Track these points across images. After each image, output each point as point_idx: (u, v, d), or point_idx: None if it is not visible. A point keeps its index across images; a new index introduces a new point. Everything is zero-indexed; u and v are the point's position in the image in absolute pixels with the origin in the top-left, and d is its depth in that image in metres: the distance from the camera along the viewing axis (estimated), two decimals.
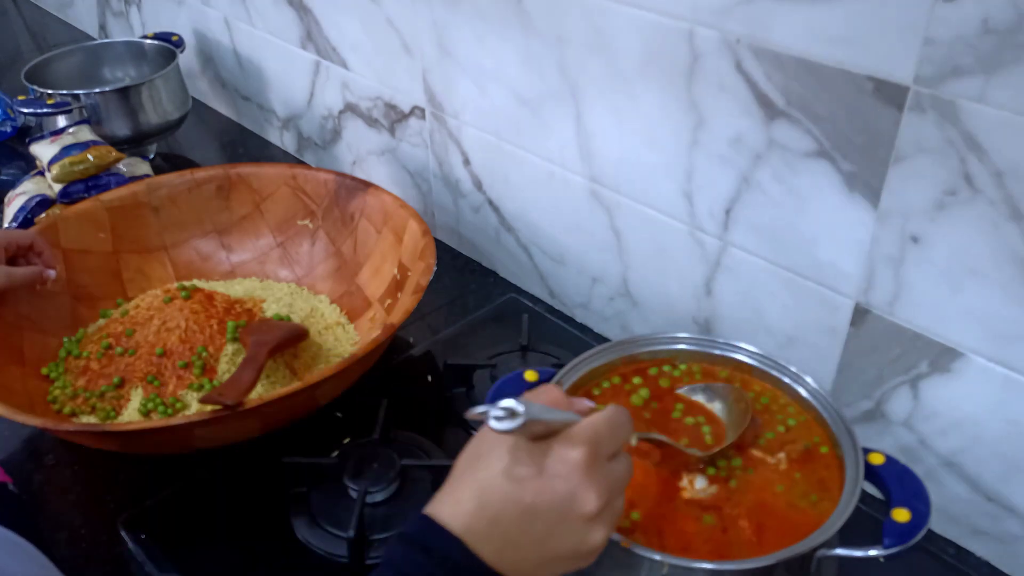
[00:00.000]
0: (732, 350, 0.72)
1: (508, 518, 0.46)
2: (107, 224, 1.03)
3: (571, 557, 0.48)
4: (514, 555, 0.47)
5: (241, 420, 0.76)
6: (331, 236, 1.07)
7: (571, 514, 0.47)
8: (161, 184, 1.07)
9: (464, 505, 0.47)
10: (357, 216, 1.05)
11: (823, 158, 0.70)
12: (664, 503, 0.63)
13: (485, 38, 0.94)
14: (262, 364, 0.83)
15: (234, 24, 1.40)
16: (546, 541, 0.47)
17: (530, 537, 0.47)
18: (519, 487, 0.46)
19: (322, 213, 1.08)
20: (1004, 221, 0.61)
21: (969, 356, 0.67)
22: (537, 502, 0.46)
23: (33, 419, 0.80)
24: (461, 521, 0.46)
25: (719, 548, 0.59)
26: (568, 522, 0.47)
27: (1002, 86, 0.57)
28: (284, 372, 0.89)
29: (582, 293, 1.01)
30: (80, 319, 0.98)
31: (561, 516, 0.47)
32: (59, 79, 1.37)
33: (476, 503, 0.47)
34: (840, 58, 0.65)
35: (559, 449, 0.47)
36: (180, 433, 0.76)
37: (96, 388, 0.88)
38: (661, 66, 0.78)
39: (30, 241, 0.92)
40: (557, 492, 0.46)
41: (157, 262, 1.06)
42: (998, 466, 0.69)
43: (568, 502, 0.47)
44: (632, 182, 0.87)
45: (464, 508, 0.47)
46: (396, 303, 0.96)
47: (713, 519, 0.61)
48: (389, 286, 0.99)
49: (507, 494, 0.46)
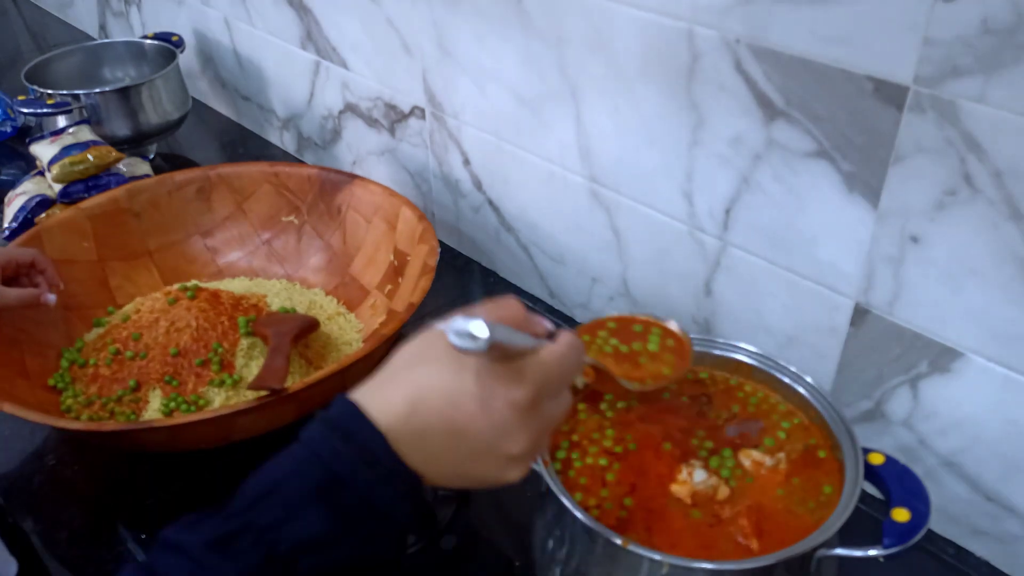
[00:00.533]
0: (732, 350, 0.72)
1: (435, 433, 0.46)
2: (90, 232, 1.03)
3: (485, 482, 0.49)
4: (431, 465, 0.47)
5: (282, 406, 0.78)
6: (318, 230, 1.08)
7: (497, 449, 0.47)
8: (141, 189, 1.07)
9: (394, 407, 0.46)
10: (344, 208, 1.06)
11: (823, 158, 0.70)
12: (660, 497, 0.63)
13: (485, 38, 0.94)
14: (288, 352, 0.85)
15: (234, 24, 1.40)
16: (465, 463, 0.47)
17: (451, 456, 0.47)
18: (454, 409, 0.46)
19: (307, 208, 1.08)
20: (1004, 221, 0.61)
21: (969, 356, 0.67)
22: (468, 429, 0.46)
23: (75, 423, 0.81)
24: (387, 420, 0.46)
25: (717, 545, 0.59)
26: (492, 454, 0.47)
27: (1002, 86, 0.57)
28: (300, 362, 0.90)
29: (582, 293, 1.01)
30: (74, 329, 0.98)
31: (487, 448, 0.47)
32: (59, 79, 1.37)
33: (408, 409, 0.46)
34: (840, 58, 0.65)
35: (505, 383, 0.46)
36: (223, 424, 0.77)
37: (111, 393, 0.88)
38: (661, 66, 0.78)
39: (30, 259, 0.90)
40: (490, 425, 0.46)
41: (143, 268, 1.06)
42: (998, 466, 0.70)
43: (497, 438, 0.46)
44: (632, 182, 0.87)
45: (394, 409, 0.46)
46: (398, 288, 0.97)
47: (711, 516, 0.61)
48: (387, 273, 1.00)
49: (441, 411, 0.46)
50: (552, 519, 0.64)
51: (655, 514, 0.62)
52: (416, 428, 0.46)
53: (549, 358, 0.48)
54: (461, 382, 0.46)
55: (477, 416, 0.46)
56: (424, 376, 0.47)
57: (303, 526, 0.44)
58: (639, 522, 0.61)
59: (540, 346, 0.48)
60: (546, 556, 0.64)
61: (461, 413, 0.46)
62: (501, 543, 0.77)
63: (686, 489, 0.63)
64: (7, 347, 0.89)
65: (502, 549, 0.77)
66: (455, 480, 0.48)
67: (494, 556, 0.76)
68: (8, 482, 0.85)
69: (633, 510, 0.62)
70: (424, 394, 0.46)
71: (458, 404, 0.46)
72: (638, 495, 0.63)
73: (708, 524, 0.61)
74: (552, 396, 0.49)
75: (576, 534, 0.61)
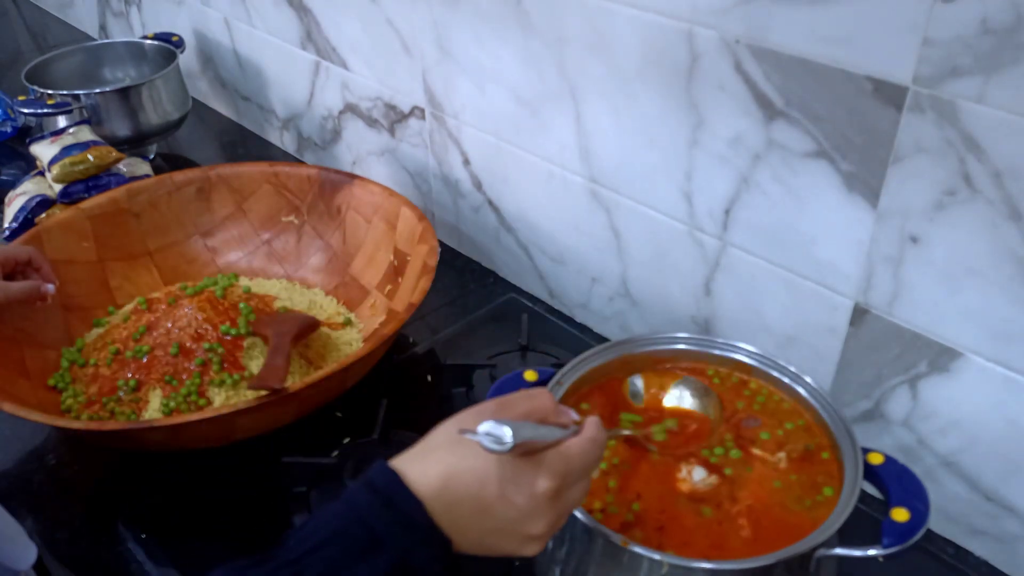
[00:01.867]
0: (731, 350, 0.72)
1: (464, 508, 0.50)
2: (90, 233, 1.03)
3: (505, 553, 0.53)
4: (458, 535, 0.51)
5: (282, 405, 0.78)
6: (318, 230, 1.08)
7: (519, 529, 0.51)
8: (141, 189, 1.07)
9: (431, 479, 0.50)
10: (344, 208, 1.06)
11: (822, 158, 0.70)
12: (665, 497, 0.63)
13: (485, 38, 0.94)
14: (288, 351, 0.84)
15: (234, 24, 1.40)
16: (489, 536, 0.52)
17: (477, 529, 0.51)
18: (482, 488, 0.50)
19: (307, 208, 1.08)
20: (1003, 221, 0.61)
21: (968, 356, 0.67)
22: (493, 508, 0.50)
23: (75, 423, 0.81)
24: (424, 490, 0.50)
25: (718, 542, 0.59)
26: (514, 533, 0.51)
27: (1001, 86, 0.57)
28: (300, 362, 0.90)
29: (581, 293, 1.01)
30: (74, 330, 0.98)
31: (510, 526, 0.51)
32: (59, 79, 1.37)
33: (442, 483, 0.50)
34: (839, 58, 0.65)
35: (530, 473, 0.50)
36: (224, 423, 0.77)
37: (112, 393, 0.88)
38: (660, 66, 0.78)
39: (28, 256, 0.91)
40: (514, 507, 0.50)
41: (143, 268, 1.06)
42: (997, 465, 0.70)
43: (520, 519, 0.51)
44: (631, 182, 0.88)
45: (430, 481, 0.50)
46: (398, 288, 0.97)
47: (712, 513, 0.61)
48: (387, 273, 1.00)
49: (470, 489, 0.50)
50: None
51: (666, 514, 0.62)
52: (447, 501, 0.50)
53: (573, 451, 0.52)
54: (489, 466, 0.50)
55: (503, 499, 0.50)
56: (459, 455, 0.51)
57: None
58: (650, 522, 0.61)
59: (565, 437, 0.52)
60: (546, 556, 0.64)
61: (488, 494, 0.50)
62: None
63: (686, 487, 0.63)
64: (7, 347, 0.89)
65: None
66: (478, 549, 0.52)
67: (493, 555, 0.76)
68: (8, 482, 0.85)
69: (642, 513, 0.62)
70: (457, 472, 0.50)
71: (486, 485, 0.50)
72: (645, 498, 0.63)
73: (718, 522, 0.61)
74: (573, 484, 0.52)
75: (576, 534, 0.61)
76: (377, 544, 0.48)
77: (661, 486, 0.64)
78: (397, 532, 0.48)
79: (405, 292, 0.95)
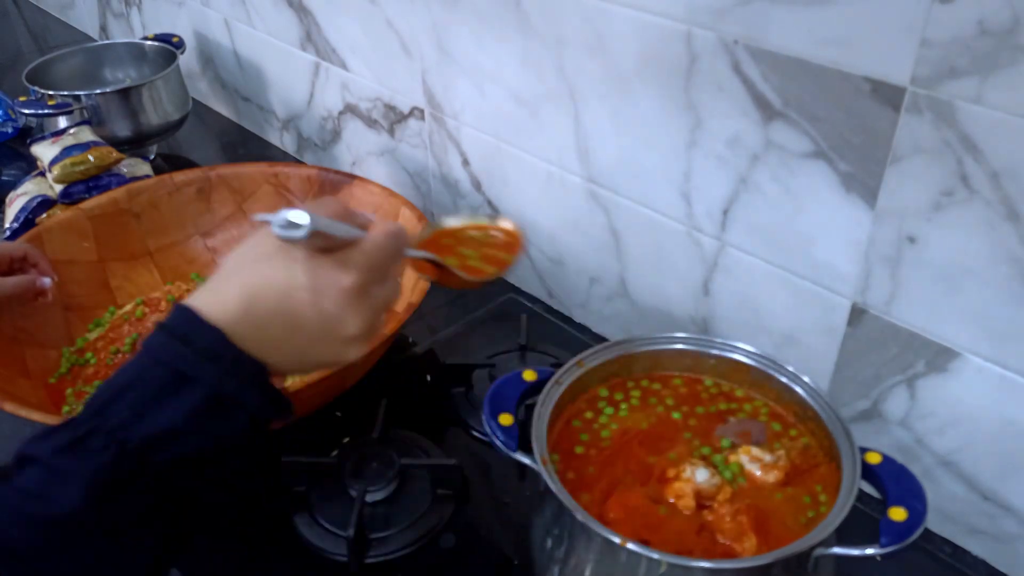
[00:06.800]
0: (729, 350, 0.72)
1: (273, 325, 0.49)
2: (90, 233, 1.03)
3: (327, 363, 0.53)
4: (274, 354, 0.50)
5: None
6: None
7: (333, 333, 0.50)
8: (141, 189, 1.07)
9: (230, 304, 0.49)
10: None
11: (820, 159, 0.70)
12: (660, 496, 0.63)
13: (484, 39, 0.94)
14: None
15: (234, 25, 1.40)
16: (305, 348, 0.51)
17: (291, 343, 0.50)
18: (288, 299, 0.49)
19: None
20: (1000, 221, 0.61)
21: (965, 356, 0.68)
22: (303, 317, 0.49)
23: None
24: (225, 318, 0.48)
25: (716, 544, 0.60)
26: (330, 340, 0.50)
27: (998, 87, 0.58)
28: None
29: (580, 293, 1.01)
30: (75, 329, 0.98)
31: (324, 333, 0.50)
32: (60, 80, 1.37)
33: (244, 306, 0.49)
34: (837, 59, 0.65)
35: (332, 272, 0.49)
36: None
37: None
38: (659, 67, 0.78)
39: (23, 253, 0.92)
40: (323, 313, 0.49)
41: (143, 268, 1.06)
42: (995, 465, 0.70)
43: (332, 323, 0.50)
44: (630, 183, 0.88)
45: (230, 307, 0.49)
46: None
47: (712, 514, 0.62)
48: None
49: (276, 303, 0.49)
50: (551, 518, 0.64)
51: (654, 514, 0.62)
52: (254, 322, 0.49)
53: (371, 245, 0.51)
54: (292, 274, 0.49)
55: (310, 304, 0.49)
56: (256, 273, 0.50)
57: (151, 423, 0.46)
58: (638, 521, 0.61)
59: (362, 235, 0.51)
60: (545, 555, 0.65)
61: (295, 303, 0.49)
62: (500, 542, 0.78)
63: (689, 488, 0.63)
64: (8, 346, 0.89)
65: (501, 548, 0.77)
66: (300, 365, 0.51)
67: (493, 555, 0.76)
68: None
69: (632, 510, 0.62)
70: (258, 290, 0.49)
71: (291, 295, 0.49)
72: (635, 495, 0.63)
73: (709, 522, 0.61)
74: (379, 281, 0.52)
75: (575, 533, 0.61)
76: (182, 381, 0.47)
77: (657, 483, 0.64)
78: (201, 366, 0.47)
79: (404, 292, 0.95)
